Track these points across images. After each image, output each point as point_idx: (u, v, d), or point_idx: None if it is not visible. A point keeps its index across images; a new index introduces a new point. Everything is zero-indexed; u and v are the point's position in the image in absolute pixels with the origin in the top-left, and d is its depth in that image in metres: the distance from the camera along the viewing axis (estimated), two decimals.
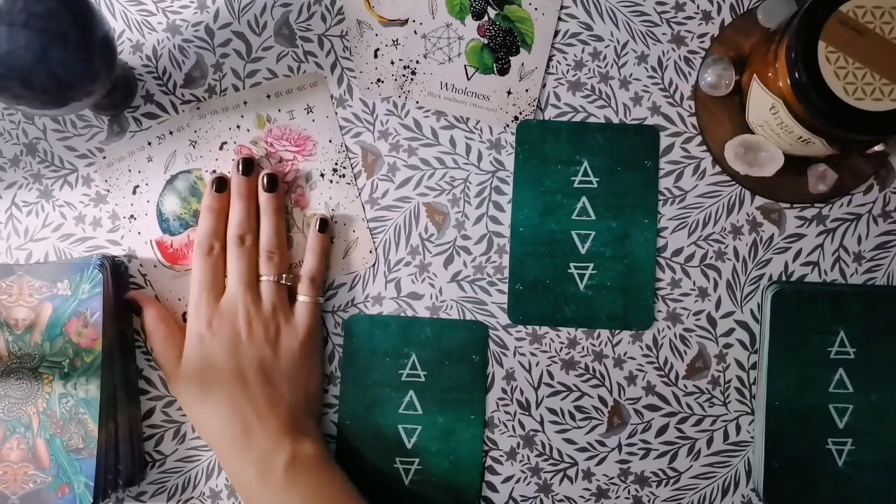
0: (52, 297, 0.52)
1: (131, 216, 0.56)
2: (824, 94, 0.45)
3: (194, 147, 0.56)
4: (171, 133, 0.56)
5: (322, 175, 0.55)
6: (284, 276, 0.53)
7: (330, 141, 0.56)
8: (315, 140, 0.56)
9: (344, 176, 0.55)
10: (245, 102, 0.56)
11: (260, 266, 0.53)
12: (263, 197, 0.54)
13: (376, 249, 0.56)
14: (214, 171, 0.55)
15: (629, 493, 0.55)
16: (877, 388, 0.53)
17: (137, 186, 0.56)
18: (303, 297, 0.53)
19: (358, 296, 0.56)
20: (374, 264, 0.56)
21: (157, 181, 0.56)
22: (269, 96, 0.56)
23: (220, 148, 0.56)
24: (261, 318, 0.52)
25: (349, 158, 0.56)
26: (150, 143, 0.56)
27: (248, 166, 0.54)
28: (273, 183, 0.54)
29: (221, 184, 0.54)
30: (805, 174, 0.54)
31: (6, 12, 0.43)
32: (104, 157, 0.56)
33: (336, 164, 0.55)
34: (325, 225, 0.54)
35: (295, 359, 0.52)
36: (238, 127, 0.56)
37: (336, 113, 0.56)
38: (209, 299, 0.52)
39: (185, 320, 0.55)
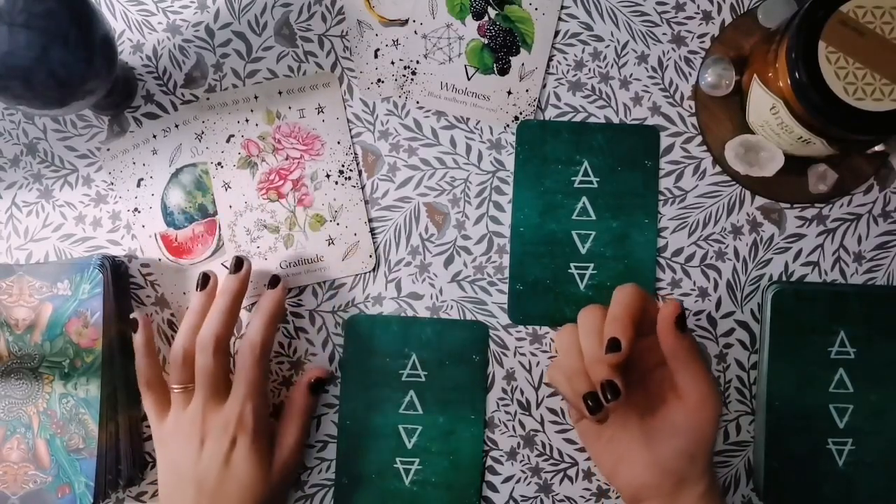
0: (53, 298, 0.52)
1: (135, 209, 0.56)
2: (824, 94, 0.45)
3: (200, 140, 0.56)
4: (176, 126, 0.56)
5: (328, 176, 0.55)
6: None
7: (338, 142, 0.56)
8: (323, 140, 0.56)
9: (350, 178, 0.55)
10: (256, 97, 0.56)
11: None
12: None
13: (376, 253, 0.56)
14: (222, 179, 0.55)
15: None
16: (877, 388, 0.53)
17: (142, 179, 0.56)
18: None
19: (358, 296, 0.56)
20: (373, 269, 0.55)
21: (161, 174, 0.56)
22: (280, 93, 0.56)
23: (227, 141, 0.56)
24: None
25: (356, 161, 0.56)
26: (155, 136, 0.56)
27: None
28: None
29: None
30: (805, 174, 0.54)
31: (6, 12, 0.43)
32: (108, 150, 0.56)
33: (343, 165, 0.55)
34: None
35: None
36: (247, 121, 0.56)
37: (346, 115, 0.56)
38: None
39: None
